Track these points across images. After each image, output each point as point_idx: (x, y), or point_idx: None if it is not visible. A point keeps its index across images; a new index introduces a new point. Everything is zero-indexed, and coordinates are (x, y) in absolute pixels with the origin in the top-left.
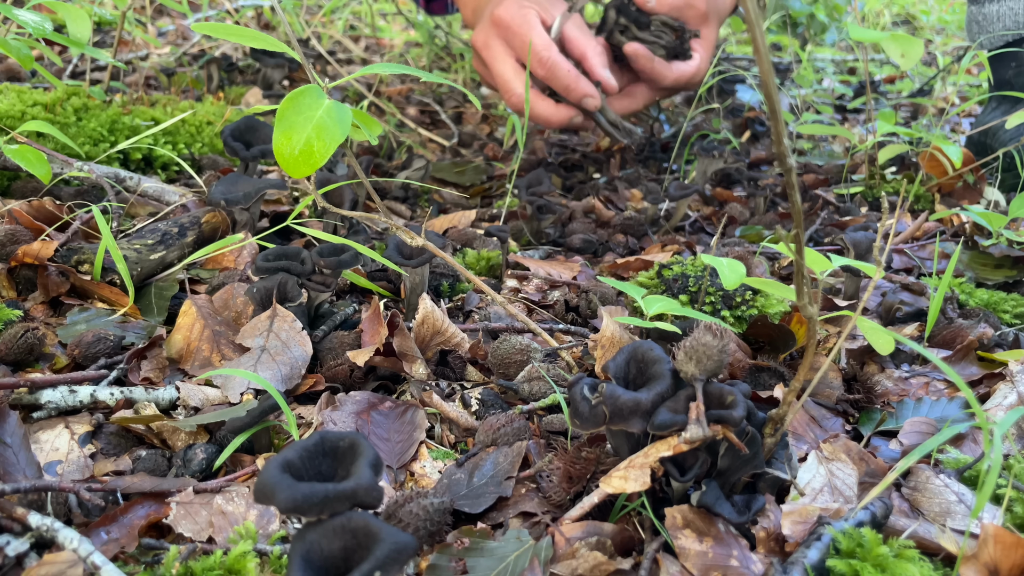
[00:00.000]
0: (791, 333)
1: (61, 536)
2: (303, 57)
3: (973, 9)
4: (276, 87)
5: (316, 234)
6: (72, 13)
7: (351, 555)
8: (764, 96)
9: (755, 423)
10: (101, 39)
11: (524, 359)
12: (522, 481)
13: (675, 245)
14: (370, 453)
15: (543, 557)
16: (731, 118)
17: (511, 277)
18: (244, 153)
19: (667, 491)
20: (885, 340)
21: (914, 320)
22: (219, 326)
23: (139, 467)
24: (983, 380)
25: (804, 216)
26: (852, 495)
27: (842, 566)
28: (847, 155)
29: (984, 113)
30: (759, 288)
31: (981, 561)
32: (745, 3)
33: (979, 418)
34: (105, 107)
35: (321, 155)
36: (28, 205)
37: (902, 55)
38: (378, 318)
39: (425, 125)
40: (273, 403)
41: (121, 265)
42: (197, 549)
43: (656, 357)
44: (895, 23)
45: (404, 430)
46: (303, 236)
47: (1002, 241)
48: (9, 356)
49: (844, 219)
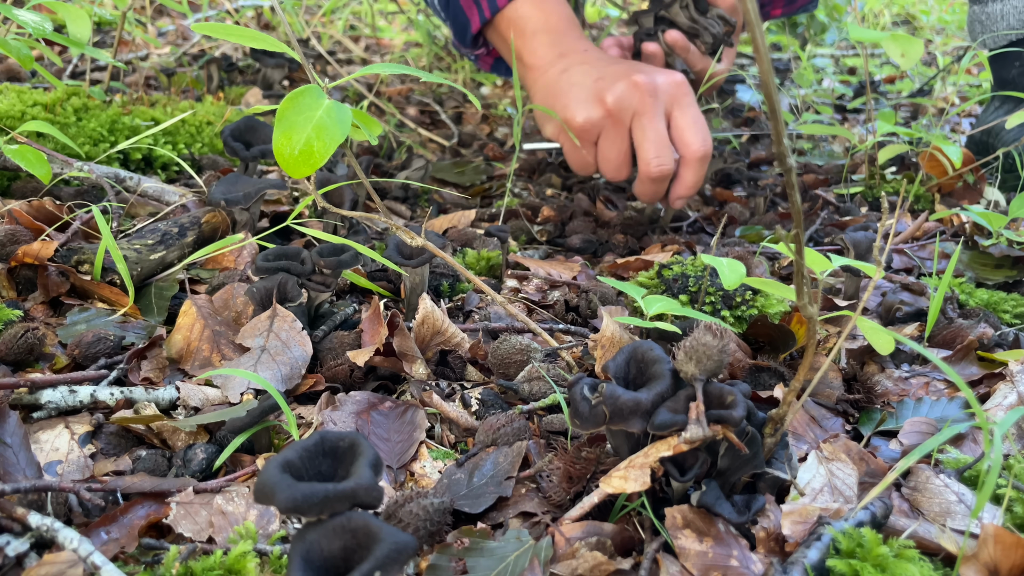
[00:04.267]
0: (791, 333)
1: (61, 536)
2: (303, 57)
3: (975, 9)
4: (276, 87)
5: (316, 234)
6: (72, 13)
7: (351, 555)
8: (764, 96)
9: (755, 423)
10: (101, 39)
11: (524, 359)
12: (522, 481)
13: (675, 245)
14: (370, 453)
15: (543, 557)
16: (731, 118)
17: (511, 277)
18: (244, 153)
19: (667, 491)
20: (885, 340)
21: (914, 320)
22: (219, 326)
23: (139, 467)
24: (983, 380)
25: (804, 216)
26: (852, 495)
27: (842, 566)
28: (847, 155)
29: (986, 112)
30: (759, 288)
31: (981, 561)
32: (745, 3)
33: (979, 418)
34: (105, 107)
35: (321, 155)
36: (28, 205)
37: (902, 55)
38: (378, 318)
39: (425, 125)
40: (273, 403)
41: (121, 265)
42: (197, 549)
43: (656, 357)
44: (895, 23)
45: (404, 430)
46: (303, 236)
47: (1002, 241)
48: (9, 356)
49: (844, 219)
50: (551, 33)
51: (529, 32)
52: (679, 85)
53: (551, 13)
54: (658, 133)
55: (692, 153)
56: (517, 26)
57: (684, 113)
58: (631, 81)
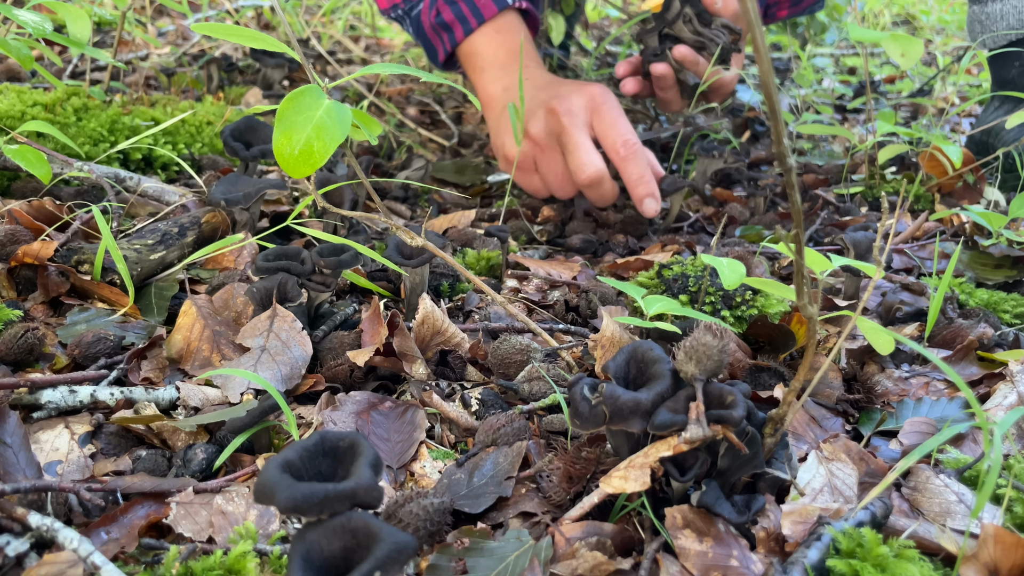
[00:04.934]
0: (791, 333)
1: (61, 536)
2: (303, 57)
3: (975, 9)
4: (276, 87)
5: (316, 234)
6: (72, 13)
7: (351, 555)
8: (764, 96)
9: (755, 423)
10: (101, 39)
11: (524, 359)
12: (522, 481)
13: (675, 245)
14: (370, 453)
15: (543, 557)
16: (731, 118)
17: (511, 277)
18: (244, 153)
19: (667, 491)
20: (885, 340)
21: (914, 320)
22: (219, 326)
23: (139, 467)
24: (983, 380)
25: (804, 216)
26: (852, 495)
27: (842, 566)
28: (847, 155)
29: (986, 112)
30: (759, 288)
31: (981, 561)
32: (745, 3)
33: (979, 418)
34: (105, 107)
35: (321, 155)
36: (28, 205)
37: (902, 55)
38: (378, 318)
39: (425, 125)
40: (273, 403)
41: (121, 265)
42: (197, 549)
43: (656, 357)
44: (895, 23)
45: (404, 430)
46: (303, 236)
47: (1002, 241)
48: (9, 356)
49: (844, 219)
50: (496, 68)
51: (479, 68)
52: (593, 97)
53: (500, 47)
54: (578, 145)
55: (617, 153)
56: (470, 62)
57: (601, 120)
58: (548, 109)
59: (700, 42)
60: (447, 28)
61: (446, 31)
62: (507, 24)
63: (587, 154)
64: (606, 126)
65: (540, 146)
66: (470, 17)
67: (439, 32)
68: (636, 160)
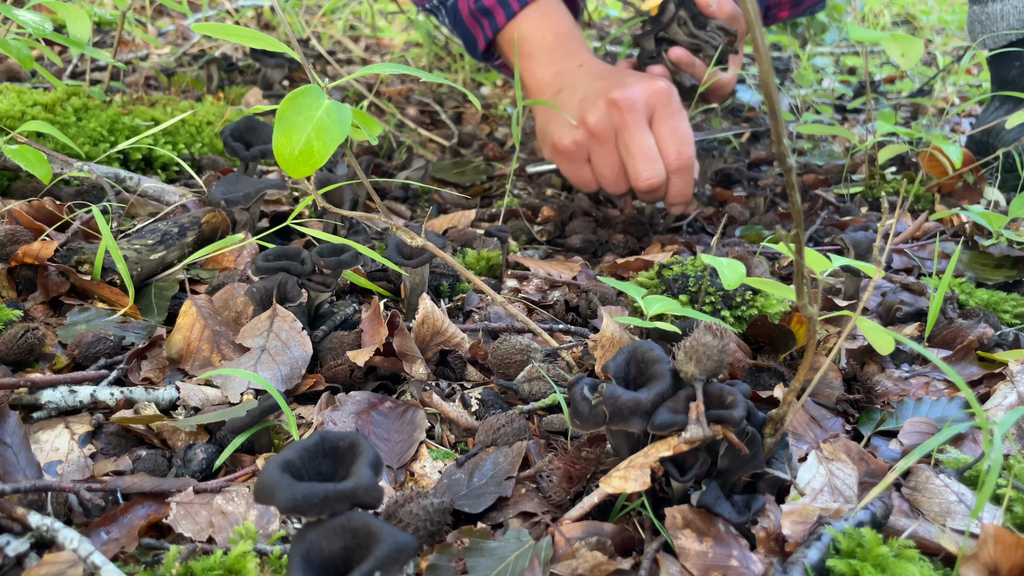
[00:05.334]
0: (791, 333)
1: (61, 536)
2: (303, 57)
3: (975, 9)
4: (276, 87)
5: (316, 234)
6: (72, 13)
7: (351, 555)
8: (764, 96)
9: (755, 423)
10: (101, 39)
11: (524, 359)
12: (522, 481)
13: (675, 245)
14: (370, 453)
15: (543, 557)
16: (731, 118)
17: (511, 277)
18: (244, 153)
19: (667, 491)
20: (885, 340)
21: (914, 320)
22: (219, 326)
23: (139, 467)
24: (983, 380)
25: (804, 216)
26: (852, 495)
27: (842, 566)
28: (847, 155)
29: (987, 112)
30: (759, 288)
31: (981, 561)
32: (745, 3)
33: (979, 418)
34: (105, 107)
35: (321, 155)
36: (28, 205)
37: (902, 55)
38: (378, 318)
39: (425, 125)
40: (273, 403)
41: (121, 265)
42: (197, 549)
43: (656, 357)
44: (895, 23)
45: (404, 430)
46: (303, 236)
47: (1002, 241)
48: (9, 356)
49: (844, 219)
50: (546, 51)
51: (526, 53)
52: (657, 94)
53: (547, 30)
54: (641, 148)
55: (670, 165)
56: (515, 47)
57: (662, 125)
58: (609, 100)
59: (695, 44)
60: (487, 13)
61: (486, 16)
62: (552, 7)
63: (652, 161)
64: (667, 131)
65: (598, 138)
66: (512, 1)
67: (478, 18)
68: (686, 174)
